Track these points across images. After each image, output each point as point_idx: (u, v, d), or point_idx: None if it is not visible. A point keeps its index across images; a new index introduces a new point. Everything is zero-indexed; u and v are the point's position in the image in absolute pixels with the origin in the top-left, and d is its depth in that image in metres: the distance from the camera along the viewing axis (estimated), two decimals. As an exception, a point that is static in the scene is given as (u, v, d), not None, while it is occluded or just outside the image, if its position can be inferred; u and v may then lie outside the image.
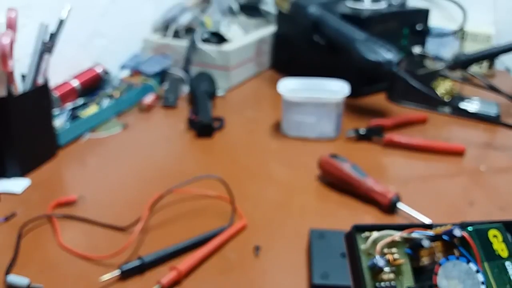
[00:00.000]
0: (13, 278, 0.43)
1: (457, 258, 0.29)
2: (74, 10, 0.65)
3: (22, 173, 0.62)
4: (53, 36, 0.63)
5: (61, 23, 0.63)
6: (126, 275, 0.44)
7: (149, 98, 0.85)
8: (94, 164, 0.66)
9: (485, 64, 1.05)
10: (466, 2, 1.08)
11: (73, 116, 0.74)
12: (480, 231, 0.29)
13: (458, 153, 0.68)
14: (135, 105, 0.85)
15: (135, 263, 0.45)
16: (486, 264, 0.29)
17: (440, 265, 0.29)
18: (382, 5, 0.92)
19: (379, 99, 0.90)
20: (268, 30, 1.08)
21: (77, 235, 0.51)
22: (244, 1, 1.27)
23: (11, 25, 0.57)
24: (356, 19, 0.84)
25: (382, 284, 0.29)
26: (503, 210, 0.55)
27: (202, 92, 0.83)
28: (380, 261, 0.30)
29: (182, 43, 0.97)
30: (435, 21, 1.06)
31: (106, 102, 0.80)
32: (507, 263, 0.29)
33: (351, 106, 0.85)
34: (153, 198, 0.54)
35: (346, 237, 0.31)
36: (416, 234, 0.30)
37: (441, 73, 0.88)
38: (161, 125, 0.80)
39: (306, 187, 0.60)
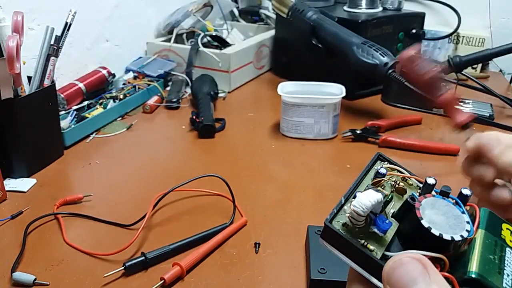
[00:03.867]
0: (19, 275, 0.44)
1: (454, 204, 0.29)
2: (80, 14, 0.67)
3: (29, 172, 0.63)
4: (59, 39, 0.65)
5: (66, 26, 0.65)
6: (130, 271, 0.45)
7: (152, 100, 0.87)
8: (99, 163, 0.67)
9: (479, 66, 1.07)
10: (461, 6, 1.09)
11: (79, 117, 0.75)
12: (496, 217, 0.30)
13: (452, 153, 0.70)
14: (139, 106, 0.87)
15: (139, 259, 0.46)
16: (481, 232, 0.29)
17: (433, 195, 0.30)
18: (378, 10, 0.94)
19: (375, 101, 0.91)
20: (268, 34, 1.10)
21: (82, 232, 0.52)
22: (244, 6, 1.29)
23: (17, 28, 0.58)
24: (353, 23, 0.86)
25: (374, 188, 0.31)
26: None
27: (204, 94, 0.85)
28: (382, 169, 0.33)
29: (185, 47, 0.99)
30: (430, 25, 1.08)
31: (111, 104, 0.81)
32: (508, 249, 0.28)
33: (348, 108, 0.86)
34: (156, 196, 0.55)
35: (376, 155, 0.35)
36: (431, 179, 0.30)
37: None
38: (164, 125, 0.82)
39: (304, 185, 0.61)
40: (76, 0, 0.82)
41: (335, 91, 0.75)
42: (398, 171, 0.35)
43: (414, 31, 0.94)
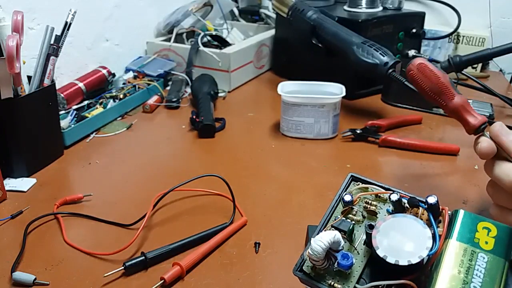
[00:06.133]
0: (19, 275, 0.44)
1: (416, 220, 0.30)
2: (80, 14, 0.67)
3: (29, 172, 0.63)
4: (59, 39, 0.65)
5: (66, 25, 0.65)
6: (130, 271, 0.45)
7: (152, 99, 0.87)
8: (99, 163, 0.67)
9: (479, 66, 1.07)
10: (461, 6, 1.10)
11: (79, 116, 0.75)
12: (471, 217, 0.30)
13: (452, 153, 0.70)
14: (139, 106, 0.87)
15: (139, 259, 0.46)
16: (451, 241, 0.28)
17: (393, 216, 0.30)
18: (378, 9, 0.94)
19: (375, 101, 0.91)
20: (268, 33, 1.10)
21: (82, 232, 0.52)
22: (244, 6, 1.29)
23: (17, 28, 0.58)
24: (353, 23, 0.86)
25: (343, 218, 0.32)
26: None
27: (204, 93, 0.85)
28: (347, 197, 0.34)
29: (185, 46, 0.99)
30: (430, 24, 1.08)
31: (111, 103, 0.82)
32: (481, 254, 0.28)
33: (348, 108, 0.86)
34: (156, 196, 0.55)
35: (349, 177, 0.36)
36: (394, 195, 0.31)
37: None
38: (164, 125, 0.82)
39: (304, 185, 0.61)
40: (76, 0, 0.82)
41: (335, 91, 0.76)
42: (372, 188, 0.35)
43: (414, 30, 0.94)
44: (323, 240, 0.29)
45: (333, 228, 0.33)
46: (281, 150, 0.72)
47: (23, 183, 0.61)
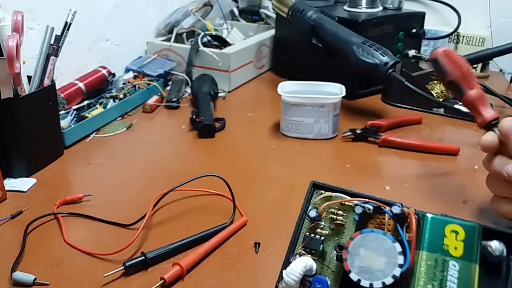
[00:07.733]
0: (19, 275, 0.44)
1: (384, 234, 0.29)
2: (80, 14, 0.67)
3: (29, 172, 0.63)
4: (59, 39, 0.65)
5: (66, 25, 0.65)
6: (130, 271, 0.45)
7: (152, 99, 0.87)
8: (99, 163, 0.67)
9: (479, 66, 1.07)
10: (461, 6, 1.10)
11: (79, 116, 0.75)
12: (438, 221, 0.29)
13: (452, 153, 0.70)
14: (139, 106, 0.87)
15: (139, 259, 0.46)
16: (422, 253, 0.28)
17: (361, 233, 0.30)
18: (378, 9, 0.94)
19: (375, 101, 0.91)
20: (268, 33, 1.10)
21: (82, 232, 0.52)
22: (245, 6, 1.29)
23: (17, 28, 0.58)
24: (353, 23, 0.86)
25: (312, 234, 0.31)
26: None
27: (204, 93, 0.85)
28: (312, 213, 0.33)
29: (185, 46, 0.99)
30: (430, 24, 1.08)
31: (111, 103, 0.82)
32: (452, 262, 0.27)
33: (348, 108, 0.86)
34: (156, 196, 0.55)
35: (311, 185, 0.35)
36: (358, 208, 0.31)
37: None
38: (164, 125, 0.82)
39: (304, 185, 0.61)
40: (76, 0, 0.82)
41: (335, 91, 0.76)
42: (334, 198, 0.35)
43: (414, 30, 0.94)
44: (294, 272, 0.29)
45: (303, 251, 0.33)
46: (281, 150, 0.72)
47: (23, 183, 0.61)
